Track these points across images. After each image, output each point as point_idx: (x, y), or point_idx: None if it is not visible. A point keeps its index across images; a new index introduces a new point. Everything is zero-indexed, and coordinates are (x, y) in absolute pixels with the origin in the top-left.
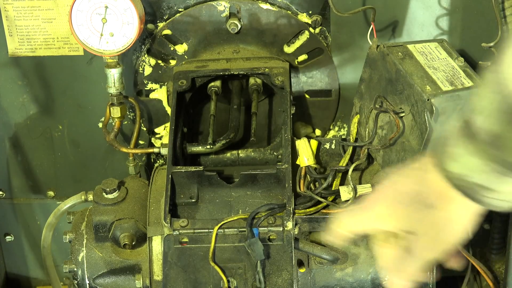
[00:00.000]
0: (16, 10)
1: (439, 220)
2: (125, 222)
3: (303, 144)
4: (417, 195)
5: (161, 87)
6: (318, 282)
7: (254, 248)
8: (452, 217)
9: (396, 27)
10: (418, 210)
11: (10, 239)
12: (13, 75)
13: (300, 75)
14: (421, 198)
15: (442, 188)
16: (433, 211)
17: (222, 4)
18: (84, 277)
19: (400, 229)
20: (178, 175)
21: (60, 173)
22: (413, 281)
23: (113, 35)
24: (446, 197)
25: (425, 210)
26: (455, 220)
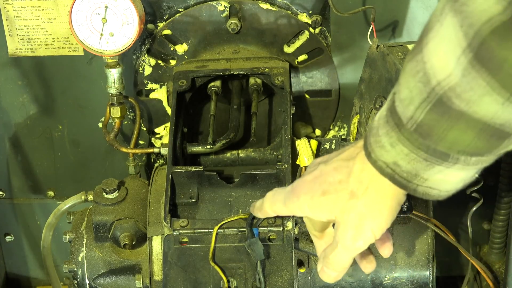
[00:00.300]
0: (16, 10)
1: (362, 209)
2: (125, 222)
3: (303, 144)
4: (341, 184)
5: (161, 87)
6: (318, 282)
7: (254, 248)
8: (376, 206)
9: (396, 27)
10: (341, 199)
11: (10, 239)
12: (13, 75)
13: (300, 75)
14: (345, 188)
15: (366, 178)
16: (356, 201)
17: (222, 4)
18: (84, 277)
19: (325, 219)
20: (178, 175)
21: (60, 173)
22: (341, 271)
23: (113, 35)
24: (370, 186)
25: (349, 199)
26: (379, 209)
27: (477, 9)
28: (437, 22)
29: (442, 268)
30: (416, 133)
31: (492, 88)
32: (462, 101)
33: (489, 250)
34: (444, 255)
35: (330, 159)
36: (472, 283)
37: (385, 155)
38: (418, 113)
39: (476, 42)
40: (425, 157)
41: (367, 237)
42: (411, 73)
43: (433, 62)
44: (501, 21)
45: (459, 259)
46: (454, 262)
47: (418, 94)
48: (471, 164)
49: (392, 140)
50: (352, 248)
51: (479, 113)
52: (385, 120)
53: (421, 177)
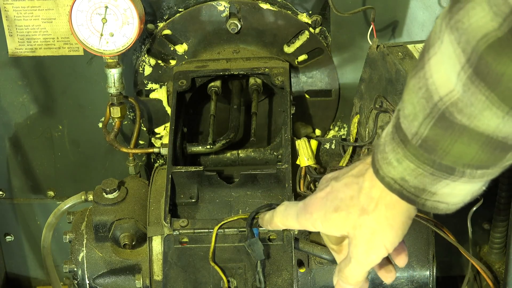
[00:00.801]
0: (16, 10)
1: (373, 225)
2: (125, 222)
3: (303, 144)
4: (352, 201)
5: (161, 87)
6: (318, 282)
7: (254, 248)
8: (387, 221)
9: (396, 27)
10: (353, 215)
11: (10, 239)
12: (13, 75)
13: (300, 75)
14: (356, 204)
15: (376, 195)
16: (367, 217)
17: (222, 4)
18: (84, 277)
19: (338, 234)
20: (178, 175)
21: (60, 173)
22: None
23: (113, 35)
24: (380, 202)
25: (360, 215)
26: (390, 225)
27: (472, 26)
28: (437, 39)
29: (442, 268)
30: (421, 149)
31: (492, 102)
32: (463, 116)
33: (489, 250)
34: (444, 255)
35: (341, 175)
36: (472, 283)
37: (393, 171)
38: (422, 129)
39: (474, 57)
40: (431, 171)
41: (380, 252)
42: (414, 89)
43: (435, 78)
44: (496, 37)
45: (459, 259)
46: (454, 262)
47: (421, 110)
48: (477, 177)
49: (399, 156)
50: (365, 263)
51: (481, 127)
52: (391, 137)
53: (428, 192)
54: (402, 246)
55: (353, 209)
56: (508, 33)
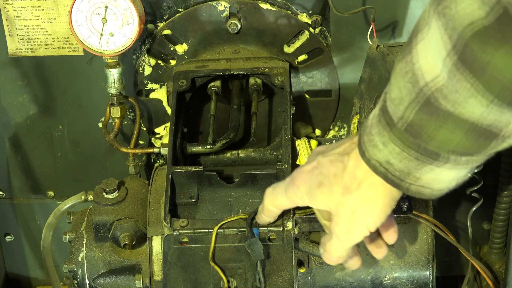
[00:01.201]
0: (16, 10)
1: (355, 204)
2: (125, 222)
3: (303, 144)
4: (336, 178)
5: (161, 87)
6: (318, 282)
7: (254, 248)
8: (369, 201)
9: (396, 27)
10: (335, 193)
11: (10, 239)
12: (13, 75)
13: (300, 75)
14: (339, 182)
15: (359, 174)
16: (349, 196)
17: (222, 4)
18: (84, 277)
19: (322, 209)
20: (178, 175)
21: (60, 173)
22: (338, 258)
23: (113, 35)
24: (364, 182)
25: (343, 194)
26: (371, 205)
27: (459, 13)
28: (425, 25)
29: (442, 268)
30: (406, 133)
31: (477, 90)
32: (448, 102)
33: (489, 250)
34: (444, 255)
35: (328, 150)
36: (472, 283)
37: (378, 154)
38: (407, 113)
39: (460, 44)
40: (416, 156)
41: (360, 231)
42: (401, 73)
43: (421, 63)
44: (482, 25)
45: (459, 259)
46: (454, 262)
47: (407, 94)
48: (462, 164)
49: (384, 139)
50: (346, 241)
51: (465, 114)
52: (377, 119)
53: (413, 176)
54: (391, 222)
55: (336, 187)
56: (495, 22)
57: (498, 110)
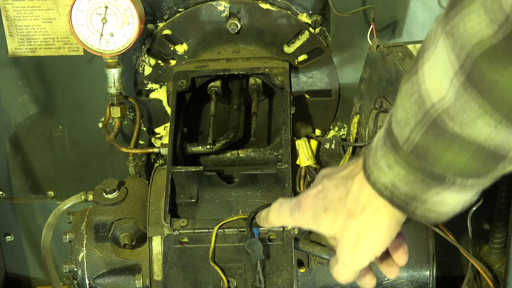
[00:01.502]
0: (16, 10)
1: (360, 229)
2: (125, 222)
3: (303, 144)
4: (340, 203)
5: (161, 87)
6: (318, 282)
7: (254, 248)
8: (373, 226)
9: (396, 27)
10: (340, 218)
11: (10, 239)
12: (13, 75)
13: (300, 75)
14: (343, 207)
15: (363, 199)
16: (353, 220)
17: (222, 4)
18: (84, 277)
19: (327, 234)
20: (178, 175)
21: (60, 173)
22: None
23: (113, 35)
24: (368, 207)
25: (347, 218)
26: (376, 229)
27: (467, 32)
28: (431, 44)
29: (442, 268)
30: (412, 155)
31: (485, 110)
32: (455, 123)
33: (489, 250)
34: (444, 255)
35: (333, 174)
36: (472, 283)
37: (383, 177)
38: (414, 135)
39: (468, 64)
40: (422, 178)
41: (366, 255)
42: (407, 94)
43: (428, 84)
44: (491, 44)
45: (459, 259)
46: (454, 262)
47: (413, 116)
48: (468, 186)
49: (390, 162)
50: (352, 266)
51: (473, 135)
52: (382, 142)
53: (419, 199)
54: (400, 243)
55: (341, 212)
56: (503, 41)
57: (507, 131)
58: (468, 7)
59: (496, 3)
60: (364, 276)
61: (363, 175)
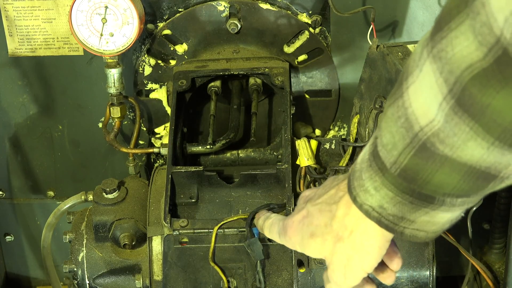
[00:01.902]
0: (16, 10)
1: (349, 251)
2: (125, 222)
3: (303, 144)
4: (326, 228)
5: (161, 87)
6: (318, 282)
7: (254, 248)
8: (363, 247)
9: (396, 27)
10: (328, 242)
11: (10, 239)
12: (13, 75)
13: (300, 75)
14: (330, 231)
15: (350, 223)
16: (342, 244)
17: (222, 4)
18: (84, 277)
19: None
20: (178, 175)
21: (60, 173)
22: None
23: (113, 35)
24: (355, 230)
25: (335, 243)
26: (366, 250)
27: (456, 56)
28: (416, 68)
29: (442, 268)
30: (400, 178)
31: (476, 133)
32: (446, 146)
33: (489, 250)
34: (444, 255)
35: (316, 198)
36: (472, 283)
37: (370, 199)
38: (401, 158)
39: (457, 88)
40: (410, 200)
41: (357, 274)
42: (393, 118)
43: (415, 107)
44: (481, 67)
45: (459, 259)
46: (454, 262)
47: (401, 140)
48: (457, 205)
49: (376, 184)
50: (344, 285)
51: (464, 157)
52: (368, 164)
53: (407, 220)
54: (394, 250)
55: (328, 236)
56: (494, 63)
57: (499, 152)
58: (455, 30)
59: (485, 26)
60: (363, 286)
61: (348, 198)
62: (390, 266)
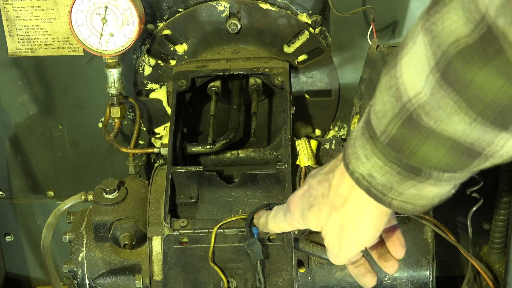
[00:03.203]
0: (16, 10)
1: (343, 221)
2: (125, 222)
3: (303, 144)
4: (323, 198)
5: (161, 87)
6: (318, 282)
7: (253, 248)
8: (356, 217)
9: (396, 27)
10: (324, 212)
11: (10, 239)
12: (13, 75)
13: (300, 75)
14: (326, 201)
15: (344, 191)
16: (336, 213)
17: (222, 4)
18: (84, 277)
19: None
20: (178, 175)
21: (60, 173)
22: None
23: (113, 35)
24: (349, 199)
25: (331, 212)
26: (359, 220)
27: (445, 30)
28: (411, 39)
29: (442, 268)
30: (389, 147)
31: (460, 108)
32: (431, 119)
33: (489, 250)
34: (444, 255)
35: (318, 172)
36: (472, 283)
37: (361, 167)
38: (390, 127)
39: (443, 62)
40: (398, 170)
41: (353, 246)
42: (386, 87)
43: (405, 78)
44: (466, 43)
45: (459, 259)
46: (454, 262)
47: (390, 109)
48: (444, 180)
49: (367, 152)
50: (341, 257)
51: (448, 131)
52: (361, 132)
53: (395, 191)
54: (397, 237)
55: (324, 207)
56: (478, 40)
57: (481, 129)
58: (448, 5)
59: (472, 3)
60: (364, 275)
61: (342, 166)
62: (394, 254)
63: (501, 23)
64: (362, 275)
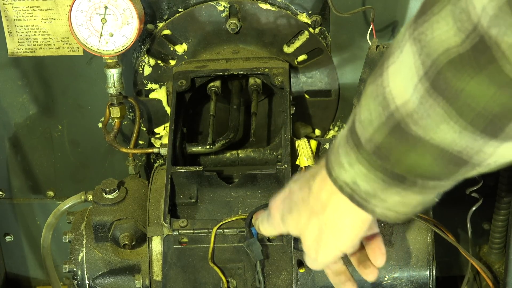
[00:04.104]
0: (16, 10)
1: (322, 226)
2: (124, 222)
3: (303, 144)
4: (303, 203)
5: (160, 87)
6: (318, 282)
7: (253, 249)
8: (335, 223)
9: (396, 27)
10: (303, 217)
11: (10, 239)
12: (13, 75)
13: (299, 75)
14: (305, 206)
15: (324, 196)
16: (315, 219)
17: (221, 4)
18: (84, 277)
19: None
20: (177, 175)
21: (60, 173)
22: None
23: (112, 35)
24: (329, 205)
25: (310, 217)
26: (338, 226)
27: (435, 39)
28: (398, 48)
29: (442, 268)
30: (374, 155)
31: (450, 116)
32: (419, 127)
33: (489, 250)
34: (444, 255)
35: (300, 177)
36: (472, 283)
37: (344, 174)
38: (376, 136)
39: (433, 71)
40: (382, 178)
41: (330, 252)
42: (372, 95)
43: (392, 87)
44: (457, 53)
45: (459, 259)
46: (454, 262)
47: (377, 117)
48: (429, 188)
49: (351, 160)
50: (318, 262)
51: (436, 139)
52: (345, 140)
53: (379, 198)
54: (379, 246)
55: (304, 211)
56: (470, 50)
57: (471, 137)
58: (437, 14)
59: (464, 13)
60: (345, 283)
61: (324, 173)
62: (373, 262)
63: (494, 33)
64: (343, 283)
